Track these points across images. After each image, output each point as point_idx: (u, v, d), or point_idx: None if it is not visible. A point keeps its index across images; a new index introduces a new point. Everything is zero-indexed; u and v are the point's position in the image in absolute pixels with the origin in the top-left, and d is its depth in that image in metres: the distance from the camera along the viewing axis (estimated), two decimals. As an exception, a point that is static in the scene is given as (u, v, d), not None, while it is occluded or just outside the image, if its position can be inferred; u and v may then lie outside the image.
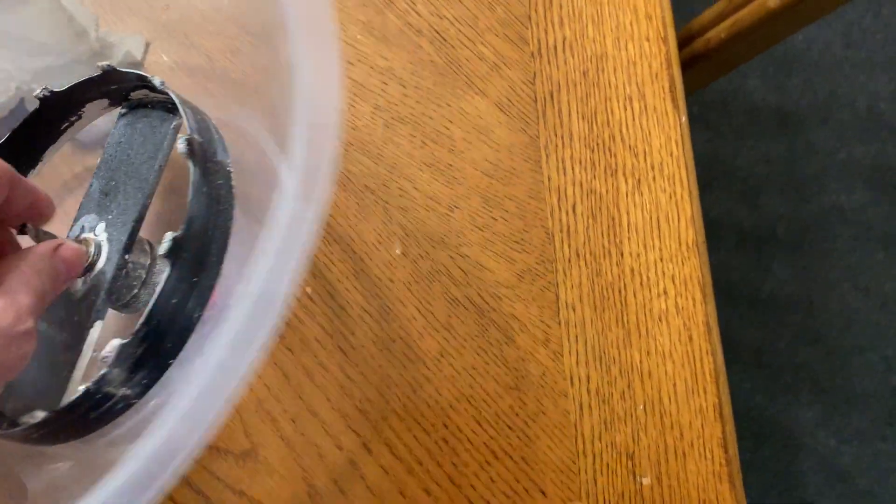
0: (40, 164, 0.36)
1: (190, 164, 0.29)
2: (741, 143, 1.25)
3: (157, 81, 0.33)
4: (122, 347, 0.27)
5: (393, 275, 0.40)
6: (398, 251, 0.40)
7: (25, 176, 0.35)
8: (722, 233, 1.21)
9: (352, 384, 0.38)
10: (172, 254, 0.27)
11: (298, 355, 0.38)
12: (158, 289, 0.27)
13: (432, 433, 0.38)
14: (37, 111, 0.35)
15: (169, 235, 0.27)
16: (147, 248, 0.32)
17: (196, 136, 0.30)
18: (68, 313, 0.31)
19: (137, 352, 0.27)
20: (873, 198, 1.23)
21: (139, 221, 0.31)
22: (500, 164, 0.41)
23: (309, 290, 0.39)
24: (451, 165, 0.41)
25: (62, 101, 0.35)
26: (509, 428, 0.39)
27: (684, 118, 0.43)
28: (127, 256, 0.31)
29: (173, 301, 0.28)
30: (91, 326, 0.30)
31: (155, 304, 0.27)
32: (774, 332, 1.18)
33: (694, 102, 1.23)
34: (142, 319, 0.27)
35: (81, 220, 0.33)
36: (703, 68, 0.57)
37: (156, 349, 0.28)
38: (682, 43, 0.57)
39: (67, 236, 0.33)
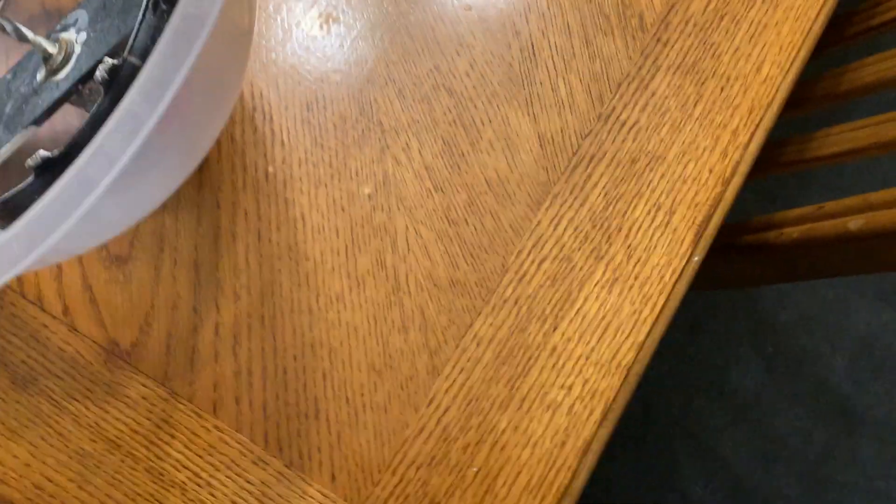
0: None
1: None
2: (794, 409, 1.18)
3: None
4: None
5: (346, 206, 0.39)
6: (367, 191, 0.40)
7: None
8: (725, 472, 1.14)
9: (246, 266, 0.38)
10: (109, 81, 0.25)
11: (225, 216, 0.38)
12: (88, 117, 0.26)
13: (280, 357, 0.37)
14: None
15: (109, 62, 0.25)
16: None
17: None
18: (23, 97, 0.31)
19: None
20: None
21: (104, 56, 0.29)
22: (506, 184, 0.40)
23: (271, 169, 0.39)
24: (463, 155, 0.41)
25: None
26: (346, 400, 0.37)
27: (696, 259, 0.41)
28: (81, 87, 0.29)
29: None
30: (25, 127, 0.30)
31: (80, 133, 0.26)
32: None
33: (777, 354, 1.19)
34: (66, 145, 0.26)
35: (77, 13, 0.31)
36: (765, 261, 0.55)
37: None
38: (759, 228, 0.55)
39: (56, 24, 0.32)
